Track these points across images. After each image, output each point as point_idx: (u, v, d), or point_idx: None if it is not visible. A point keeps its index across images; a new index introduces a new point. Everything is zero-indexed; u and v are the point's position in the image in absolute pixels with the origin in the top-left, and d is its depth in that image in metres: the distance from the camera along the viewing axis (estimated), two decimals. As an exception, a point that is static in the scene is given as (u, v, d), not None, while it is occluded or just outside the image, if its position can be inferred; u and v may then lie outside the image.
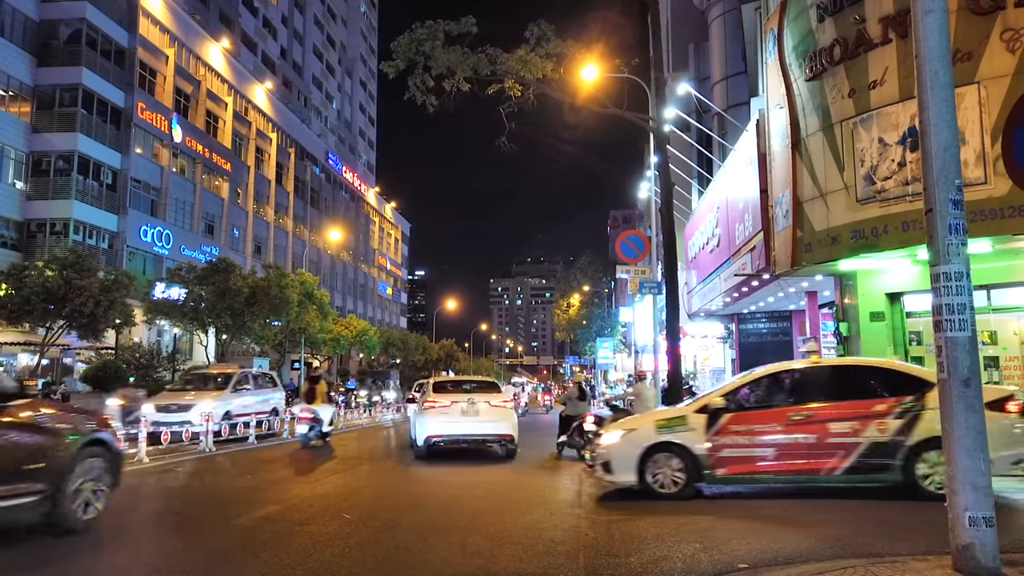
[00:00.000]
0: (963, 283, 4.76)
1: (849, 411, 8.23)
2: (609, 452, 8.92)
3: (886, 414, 8.05)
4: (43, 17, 36.16)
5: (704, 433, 8.50)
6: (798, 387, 8.96)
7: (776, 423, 8.38)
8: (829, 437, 8.17)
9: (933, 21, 4.91)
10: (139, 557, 6.16)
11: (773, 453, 8.34)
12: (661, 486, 8.53)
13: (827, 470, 8.20)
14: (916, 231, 11.57)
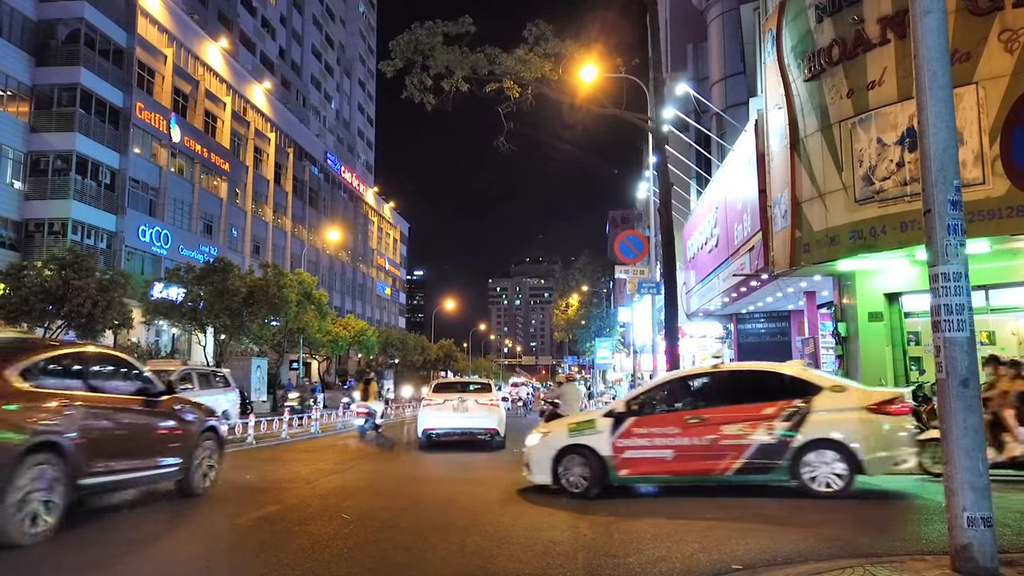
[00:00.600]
0: (961, 283, 4.76)
1: (740, 414, 8.62)
2: (529, 453, 9.43)
3: (774, 417, 8.40)
4: (41, 17, 36.13)
5: (610, 436, 8.92)
6: (696, 392, 9.53)
7: (674, 426, 8.77)
8: (722, 439, 8.55)
9: (931, 22, 4.92)
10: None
11: (672, 455, 8.73)
12: (573, 486, 8.94)
13: (720, 470, 8.57)
14: (914, 231, 11.59)
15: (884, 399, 8.35)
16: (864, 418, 8.24)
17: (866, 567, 5.10)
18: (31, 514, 6.05)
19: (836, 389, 8.59)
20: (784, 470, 8.35)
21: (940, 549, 5.61)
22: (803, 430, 8.31)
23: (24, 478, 6.01)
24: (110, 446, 7.25)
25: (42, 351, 7.12)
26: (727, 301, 23.61)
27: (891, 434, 8.21)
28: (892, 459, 8.18)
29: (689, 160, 30.64)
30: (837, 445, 8.19)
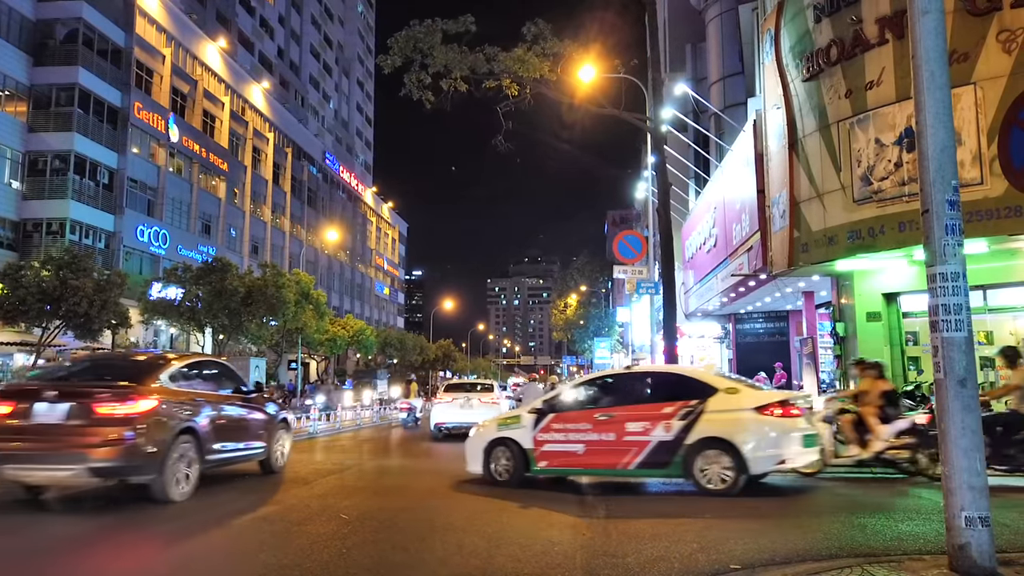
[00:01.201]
0: (959, 283, 4.77)
1: (643, 413, 9.14)
2: (467, 445, 10.33)
3: (672, 416, 8.87)
4: (39, 16, 36.10)
5: (531, 431, 9.69)
6: (609, 392, 10.05)
7: (586, 423, 9.41)
8: (625, 436, 9.10)
9: (930, 22, 4.93)
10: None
11: (583, 449, 9.37)
12: (499, 475, 9.79)
13: (623, 464, 9.10)
14: (912, 231, 11.60)
15: (771, 401, 8.74)
16: (751, 418, 8.63)
17: (864, 567, 5.11)
18: (179, 480, 8.40)
19: (730, 391, 8.98)
20: (678, 466, 8.79)
21: (938, 549, 5.62)
22: (696, 429, 8.73)
23: (175, 454, 8.30)
24: (222, 431, 9.43)
25: (177, 360, 9.41)
26: (725, 301, 23.62)
27: (776, 434, 8.58)
28: (776, 458, 8.56)
29: (688, 160, 30.65)
30: (725, 444, 8.59)
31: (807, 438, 8.76)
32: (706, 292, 24.89)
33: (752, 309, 26.21)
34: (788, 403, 8.73)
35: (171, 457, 8.21)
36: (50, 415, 7.83)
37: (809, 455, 8.98)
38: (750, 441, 8.54)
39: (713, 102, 30.58)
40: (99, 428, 7.78)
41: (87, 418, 7.81)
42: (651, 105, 19.06)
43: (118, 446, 7.76)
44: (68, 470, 7.81)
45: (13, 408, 7.98)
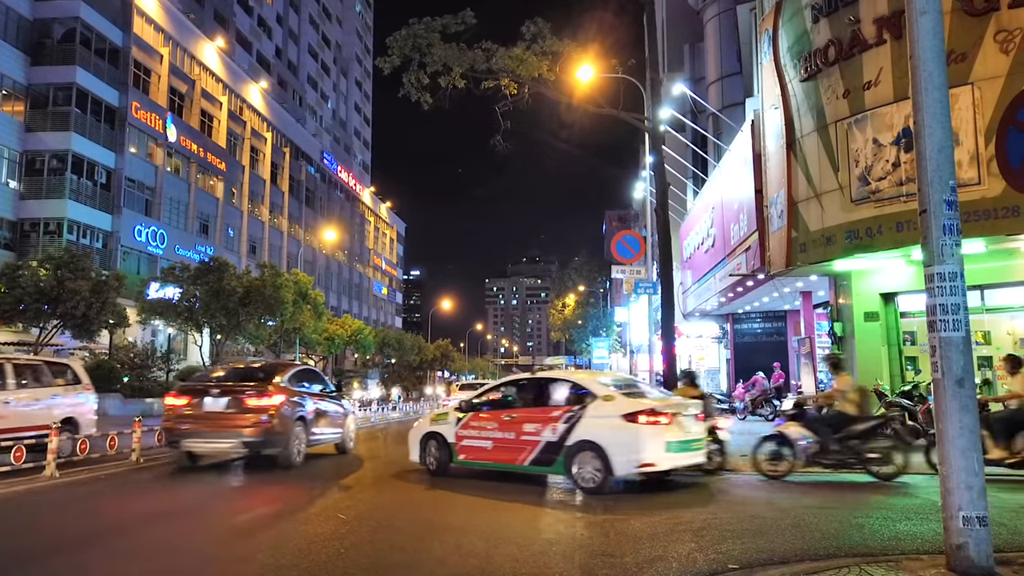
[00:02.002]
0: (957, 283, 4.77)
1: (537, 416, 9.95)
2: (409, 436, 11.61)
3: (558, 420, 9.63)
4: (37, 16, 36.06)
5: (455, 427, 10.77)
6: (517, 395, 10.95)
7: (495, 422, 10.36)
8: (522, 435, 9.97)
9: (927, 22, 4.93)
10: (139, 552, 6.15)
11: (491, 445, 10.33)
12: (430, 465, 10.98)
13: (520, 460, 9.96)
14: (910, 231, 11.61)
15: (637, 410, 9.30)
16: (618, 424, 9.24)
17: (862, 566, 5.11)
18: (295, 453, 11.65)
19: (607, 398, 9.64)
20: (561, 464, 9.52)
21: (935, 548, 5.62)
22: (574, 432, 9.46)
23: (294, 433, 11.62)
24: (319, 419, 12.62)
25: (291, 368, 13.00)
26: (723, 301, 23.65)
27: (639, 440, 9.14)
28: (636, 461, 9.13)
29: (686, 160, 30.67)
30: (595, 447, 9.25)
31: (677, 443, 9.34)
32: (704, 292, 24.91)
33: (750, 309, 26.24)
34: (655, 411, 9.32)
35: (292, 436, 11.50)
36: (215, 406, 11.31)
37: (685, 459, 9.56)
38: (614, 445, 9.15)
39: (711, 102, 30.60)
40: (248, 415, 11.13)
41: (240, 408, 11.22)
42: (649, 105, 19.06)
43: (261, 427, 11.06)
44: (228, 443, 11.25)
45: (189, 401, 11.50)
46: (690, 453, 9.68)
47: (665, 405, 9.63)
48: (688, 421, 9.76)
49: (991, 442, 9.46)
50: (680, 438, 9.45)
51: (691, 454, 9.72)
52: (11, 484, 9.44)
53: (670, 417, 9.43)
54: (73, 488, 9.50)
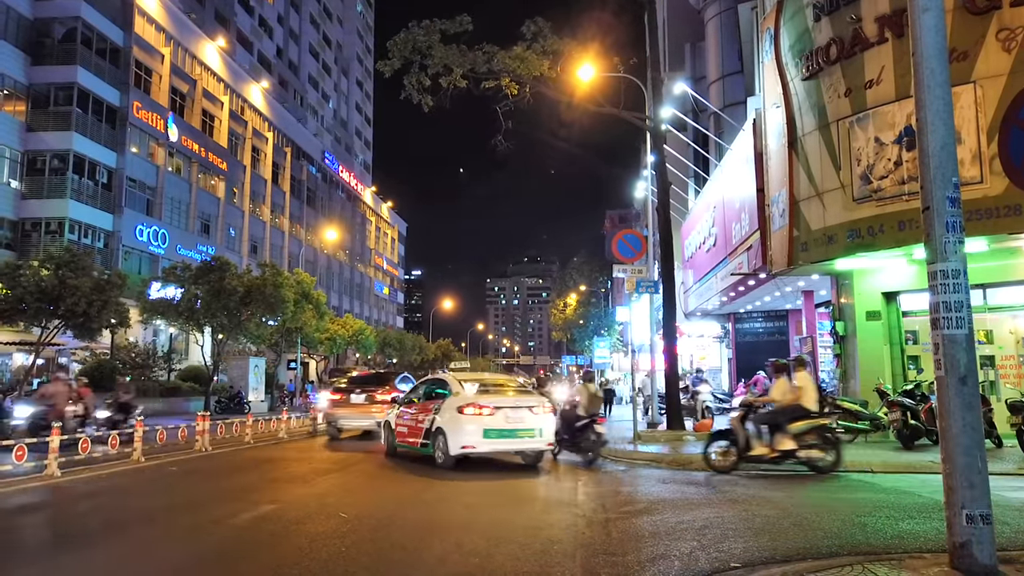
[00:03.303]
0: (960, 281, 4.75)
1: (425, 407, 12.47)
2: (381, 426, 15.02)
3: (431, 411, 12.09)
4: (37, 15, 36.05)
5: (395, 416, 13.70)
6: (420, 391, 13.48)
7: (408, 413, 13.06)
8: (417, 423, 12.53)
9: (930, 19, 4.91)
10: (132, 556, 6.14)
11: (406, 431, 12.99)
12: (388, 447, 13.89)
13: (416, 443, 12.49)
14: (912, 230, 11.60)
15: (464, 403, 11.56)
16: (454, 415, 11.55)
17: (865, 565, 5.09)
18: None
19: (455, 394, 11.99)
20: (431, 446, 11.95)
21: (938, 547, 5.61)
22: (436, 421, 11.84)
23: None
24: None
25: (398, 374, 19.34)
26: (725, 300, 23.62)
27: (463, 427, 11.40)
28: (460, 444, 11.38)
29: (687, 159, 30.64)
30: (442, 432, 11.63)
31: (496, 431, 11.37)
32: (705, 291, 24.88)
33: (752, 308, 26.21)
34: (477, 405, 11.50)
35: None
36: (357, 399, 17.57)
37: (505, 444, 11.61)
38: (451, 431, 11.46)
39: (712, 101, 30.57)
40: (377, 404, 16.93)
41: (372, 400, 17.30)
42: (650, 104, 19.05)
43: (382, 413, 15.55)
44: (366, 423, 17.14)
45: (341, 397, 17.83)
46: (514, 440, 11.57)
47: (493, 401, 11.59)
48: (518, 414, 11.51)
49: (756, 440, 10.67)
50: (501, 427, 11.38)
51: (514, 440, 11.60)
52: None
53: (492, 410, 11.41)
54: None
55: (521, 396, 12.25)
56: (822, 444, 10.39)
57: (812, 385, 10.77)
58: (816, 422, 10.45)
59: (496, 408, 11.37)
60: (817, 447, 10.38)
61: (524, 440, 11.59)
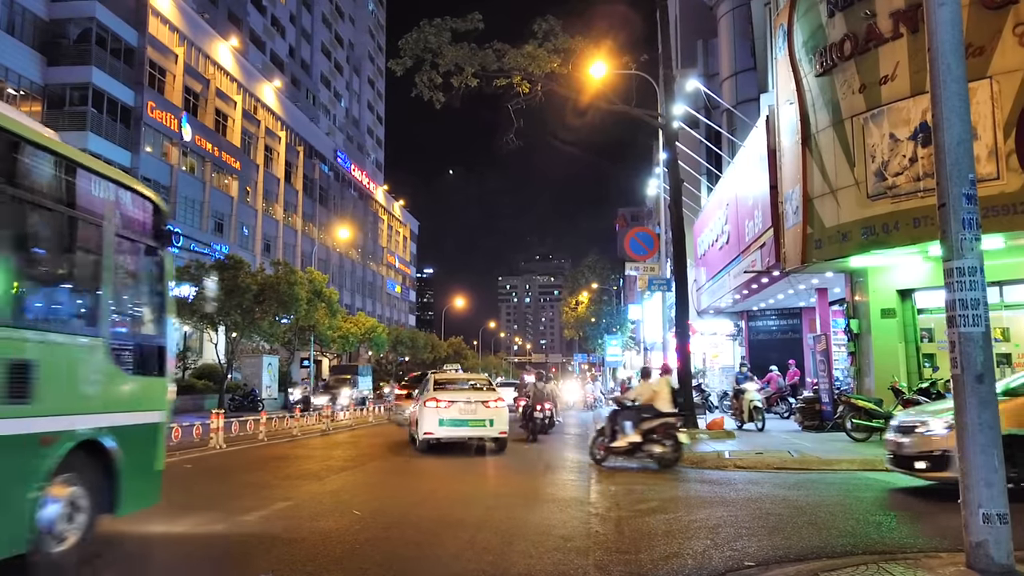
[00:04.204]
0: (977, 278, 4.71)
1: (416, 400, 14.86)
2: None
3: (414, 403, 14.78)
4: (52, 16, 36.34)
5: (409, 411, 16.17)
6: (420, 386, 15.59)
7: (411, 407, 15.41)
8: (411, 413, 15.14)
9: (946, 13, 4.87)
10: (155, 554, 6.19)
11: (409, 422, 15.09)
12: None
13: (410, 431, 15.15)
14: (927, 227, 11.50)
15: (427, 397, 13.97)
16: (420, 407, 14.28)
17: (880, 564, 5.06)
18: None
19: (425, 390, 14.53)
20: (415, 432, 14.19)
21: (954, 546, 5.57)
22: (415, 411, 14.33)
23: None
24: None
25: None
26: (738, 298, 23.51)
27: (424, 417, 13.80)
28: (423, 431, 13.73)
29: (700, 156, 30.53)
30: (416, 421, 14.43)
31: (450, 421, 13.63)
32: (718, 289, 24.79)
33: (765, 306, 26.08)
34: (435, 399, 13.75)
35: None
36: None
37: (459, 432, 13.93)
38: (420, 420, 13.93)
39: (725, 98, 30.44)
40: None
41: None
42: (662, 101, 18.99)
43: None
44: None
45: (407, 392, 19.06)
46: (466, 428, 13.85)
47: (449, 396, 13.82)
48: (471, 407, 13.82)
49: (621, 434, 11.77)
50: (454, 417, 13.67)
51: (467, 429, 13.88)
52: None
53: (448, 404, 13.72)
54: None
55: (478, 392, 14.57)
56: (664, 440, 11.53)
57: (668, 389, 12.05)
58: (662, 421, 11.62)
59: (451, 402, 13.80)
60: (660, 443, 11.53)
61: (475, 428, 13.99)
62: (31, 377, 4.77)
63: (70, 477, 5.18)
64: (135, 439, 5.96)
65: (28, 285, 5.13)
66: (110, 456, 5.59)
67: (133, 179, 6.48)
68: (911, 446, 8.73)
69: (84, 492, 5.34)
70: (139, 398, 6.14)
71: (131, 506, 5.92)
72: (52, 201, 5.21)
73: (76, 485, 5.25)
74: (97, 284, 5.64)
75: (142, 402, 6.18)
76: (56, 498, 5.05)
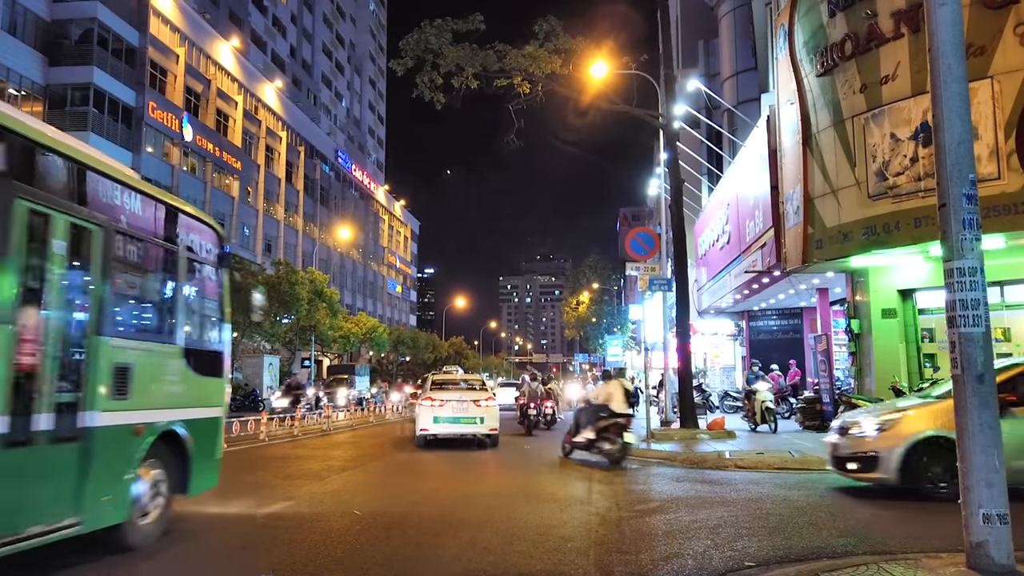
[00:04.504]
0: (977, 279, 4.71)
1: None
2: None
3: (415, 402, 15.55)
4: (54, 17, 36.38)
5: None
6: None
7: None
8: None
9: (946, 13, 4.87)
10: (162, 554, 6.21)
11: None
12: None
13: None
14: (928, 227, 11.49)
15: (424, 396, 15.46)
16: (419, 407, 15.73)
17: (880, 564, 5.06)
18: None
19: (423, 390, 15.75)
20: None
21: (954, 547, 5.56)
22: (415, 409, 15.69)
23: None
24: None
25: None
26: (739, 298, 23.51)
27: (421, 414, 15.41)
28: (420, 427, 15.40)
29: (700, 156, 30.52)
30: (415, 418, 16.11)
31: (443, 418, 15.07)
32: (719, 289, 24.78)
33: (766, 306, 26.07)
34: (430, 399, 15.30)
35: None
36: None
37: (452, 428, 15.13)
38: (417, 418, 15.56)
39: (726, 98, 30.44)
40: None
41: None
42: (663, 101, 18.99)
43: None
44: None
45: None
46: (458, 425, 15.10)
47: (443, 396, 15.26)
48: (463, 406, 15.11)
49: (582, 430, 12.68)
50: (447, 415, 14.99)
51: (459, 426, 15.11)
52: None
53: (442, 403, 15.09)
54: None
55: (471, 392, 15.77)
56: (615, 438, 12.22)
57: (620, 391, 12.72)
58: (614, 421, 12.29)
59: (445, 401, 15.18)
60: (610, 440, 12.23)
61: (467, 426, 15.20)
62: (129, 378, 5.79)
63: (154, 462, 6.21)
64: (202, 430, 6.94)
65: (126, 302, 6.21)
66: (184, 445, 6.59)
67: (201, 211, 7.68)
68: (844, 447, 8.93)
69: (164, 475, 6.38)
70: (205, 396, 7.11)
71: (198, 488, 6.92)
72: (150, 235, 6.33)
73: (158, 469, 6.29)
74: (175, 300, 6.72)
75: (207, 399, 7.15)
76: (144, 479, 6.07)
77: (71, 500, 5.21)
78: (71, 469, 5.23)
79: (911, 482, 8.24)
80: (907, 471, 8.23)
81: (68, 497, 5.20)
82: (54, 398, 5.09)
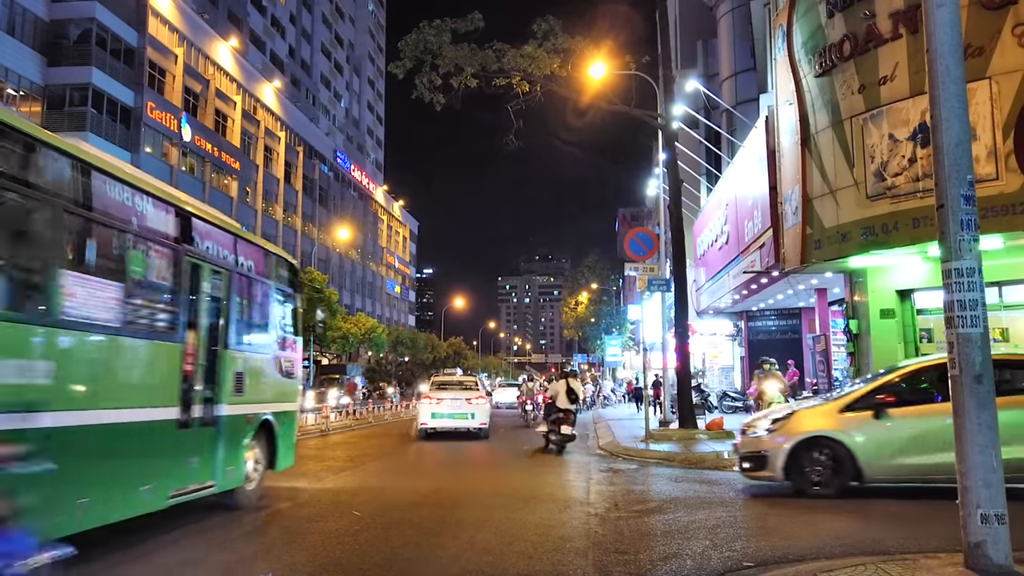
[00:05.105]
0: (975, 279, 4.72)
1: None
2: None
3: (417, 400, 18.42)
4: (52, 17, 36.34)
5: None
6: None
7: None
8: None
9: (944, 15, 4.88)
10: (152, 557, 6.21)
11: None
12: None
13: None
14: (927, 228, 11.50)
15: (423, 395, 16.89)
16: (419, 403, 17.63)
17: (878, 564, 5.07)
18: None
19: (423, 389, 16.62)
20: None
21: (952, 547, 5.57)
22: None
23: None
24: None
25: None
26: (737, 298, 23.53)
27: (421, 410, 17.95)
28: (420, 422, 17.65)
29: (699, 157, 30.54)
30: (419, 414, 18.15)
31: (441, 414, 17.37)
32: (718, 289, 24.80)
33: (764, 306, 26.10)
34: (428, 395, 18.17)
35: None
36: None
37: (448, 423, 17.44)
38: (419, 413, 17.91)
39: (725, 98, 30.45)
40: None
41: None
42: (662, 102, 19.00)
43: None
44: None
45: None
46: (453, 420, 17.21)
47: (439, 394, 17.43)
48: (457, 403, 17.27)
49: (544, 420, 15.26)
50: (443, 411, 17.19)
51: (453, 421, 17.21)
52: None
53: (438, 400, 17.33)
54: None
55: (465, 391, 17.87)
56: (560, 430, 14.28)
57: (564, 389, 14.67)
58: (559, 415, 14.39)
59: (440, 399, 17.41)
60: (556, 432, 14.29)
61: (460, 420, 17.29)
62: (243, 380, 7.88)
63: (255, 444, 8.28)
64: (285, 421, 9.06)
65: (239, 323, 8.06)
66: (274, 432, 8.70)
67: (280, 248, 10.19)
68: (742, 446, 9.39)
69: (261, 455, 8.46)
70: (287, 393, 9.26)
71: (283, 464, 9.04)
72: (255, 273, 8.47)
73: (257, 449, 8.35)
74: (268, 320, 8.85)
75: (288, 396, 9.32)
76: (249, 456, 8.13)
77: (211, 467, 7.23)
78: (211, 445, 7.25)
79: (797, 481, 8.59)
80: (791, 470, 8.59)
81: (209, 465, 7.20)
82: (201, 394, 7.07)
